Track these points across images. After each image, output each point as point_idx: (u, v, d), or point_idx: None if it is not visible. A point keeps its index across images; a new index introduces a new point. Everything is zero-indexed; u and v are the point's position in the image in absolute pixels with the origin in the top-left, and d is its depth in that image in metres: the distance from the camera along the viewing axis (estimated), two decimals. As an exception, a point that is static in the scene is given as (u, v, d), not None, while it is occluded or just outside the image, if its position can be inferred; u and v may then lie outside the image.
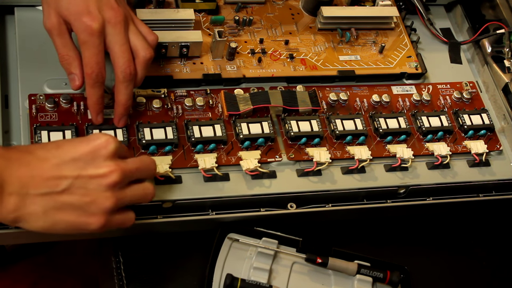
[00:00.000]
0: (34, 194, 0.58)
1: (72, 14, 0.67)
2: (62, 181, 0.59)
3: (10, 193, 0.57)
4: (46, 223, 0.59)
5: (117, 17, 0.68)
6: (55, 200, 0.59)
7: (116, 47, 0.69)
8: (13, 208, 0.57)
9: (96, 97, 0.70)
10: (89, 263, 0.86)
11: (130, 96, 0.71)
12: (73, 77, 0.71)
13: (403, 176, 0.80)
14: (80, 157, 0.60)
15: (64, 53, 0.70)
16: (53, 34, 0.69)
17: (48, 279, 0.84)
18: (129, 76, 0.70)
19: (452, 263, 0.83)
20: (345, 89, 0.84)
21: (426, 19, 0.94)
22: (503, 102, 0.88)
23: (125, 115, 0.73)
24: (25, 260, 0.86)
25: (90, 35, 0.67)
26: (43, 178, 0.58)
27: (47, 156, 0.59)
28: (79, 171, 0.59)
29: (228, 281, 0.68)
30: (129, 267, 0.74)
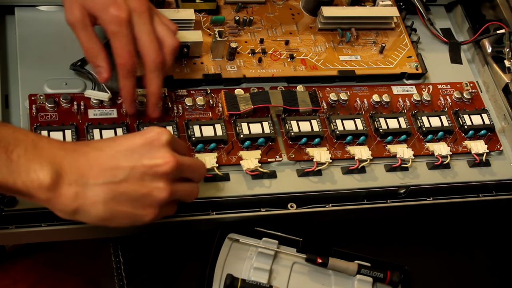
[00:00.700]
0: (94, 184, 0.58)
1: (98, 6, 0.67)
2: (120, 171, 0.59)
3: (70, 182, 0.57)
4: (105, 214, 0.59)
5: (142, 6, 0.68)
6: (114, 190, 0.58)
7: (144, 36, 0.69)
8: (73, 197, 0.57)
9: (130, 87, 0.71)
10: (89, 263, 0.86)
11: (161, 85, 0.72)
12: (100, 70, 0.71)
13: (404, 176, 0.80)
14: (135, 149, 0.60)
15: (90, 46, 0.70)
16: (77, 28, 0.69)
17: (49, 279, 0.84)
18: (159, 65, 0.70)
19: (452, 263, 0.83)
20: (345, 89, 0.84)
21: (427, 19, 0.94)
22: (503, 102, 0.88)
23: (158, 104, 0.73)
24: (25, 260, 0.85)
25: (119, 25, 0.67)
26: (101, 168, 0.58)
27: (103, 147, 0.60)
28: (135, 162, 0.59)
29: (228, 281, 0.68)
30: (129, 267, 0.74)
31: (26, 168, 0.55)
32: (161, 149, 0.61)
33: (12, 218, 0.67)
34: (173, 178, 0.62)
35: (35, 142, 0.57)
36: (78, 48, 0.78)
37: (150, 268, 0.74)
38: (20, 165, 0.55)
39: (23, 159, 0.55)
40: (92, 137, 0.71)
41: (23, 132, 0.58)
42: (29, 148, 0.56)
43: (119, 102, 0.76)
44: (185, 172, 0.63)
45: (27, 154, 0.56)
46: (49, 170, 0.56)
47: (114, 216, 0.60)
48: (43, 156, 0.56)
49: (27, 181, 0.56)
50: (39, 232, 0.68)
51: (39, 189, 0.56)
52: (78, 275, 0.85)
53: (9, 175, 0.55)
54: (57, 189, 0.56)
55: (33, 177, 0.56)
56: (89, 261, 0.86)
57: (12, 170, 0.55)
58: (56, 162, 0.57)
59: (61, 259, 0.87)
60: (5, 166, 0.55)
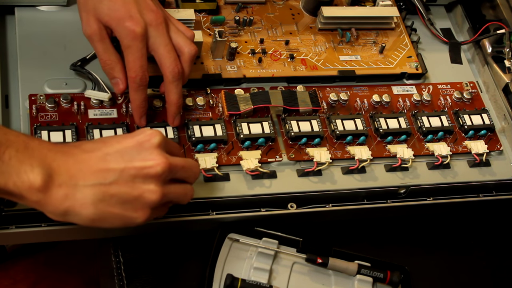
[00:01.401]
0: (83, 186, 0.58)
1: (114, 19, 0.67)
2: (109, 173, 0.59)
3: (60, 184, 0.57)
4: (95, 215, 0.59)
5: (158, 18, 0.69)
6: (103, 192, 0.58)
7: (161, 48, 0.69)
8: (63, 199, 0.57)
9: (140, 101, 0.71)
10: (89, 263, 0.86)
11: (181, 95, 0.72)
12: (116, 81, 0.71)
13: (404, 176, 0.80)
14: (125, 150, 0.60)
15: (106, 58, 0.70)
16: (94, 40, 0.69)
17: (49, 279, 0.84)
18: (178, 75, 0.70)
19: (452, 263, 0.83)
20: (345, 89, 0.84)
21: (427, 19, 0.94)
22: (503, 102, 0.88)
23: (178, 113, 0.74)
24: (25, 260, 0.85)
25: (134, 39, 0.67)
26: (91, 170, 0.58)
27: (93, 149, 0.60)
28: (125, 164, 0.59)
29: (228, 281, 0.68)
30: (129, 267, 0.74)
31: (17, 169, 0.56)
32: (152, 151, 0.60)
33: (12, 218, 0.67)
34: (165, 180, 0.61)
35: (26, 143, 0.57)
36: (78, 48, 0.79)
37: (150, 268, 0.74)
38: (11, 166, 0.55)
39: (14, 160, 0.55)
40: (92, 137, 0.72)
41: (14, 134, 0.58)
42: (20, 149, 0.56)
43: (119, 102, 0.76)
44: (178, 173, 0.63)
45: (18, 155, 0.56)
46: (39, 172, 0.56)
47: (104, 217, 0.60)
48: (34, 158, 0.56)
49: (18, 182, 0.56)
50: (39, 232, 0.68)
51: (30, 191, 0.56)
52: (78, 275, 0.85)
53: (0, 176, 0.55)
54: (47, 190, 0.57)
55: (24, 178, 0.56)
56: (89, 261, 0.86)
57: (3, 171, 0.55)
58: (46, 164, 0.57)
59: (61, 259, 0.87)
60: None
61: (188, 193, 0.65)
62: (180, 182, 0.64)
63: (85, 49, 0.78)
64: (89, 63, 0.78)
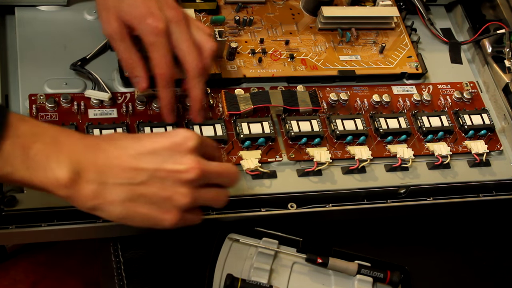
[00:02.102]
0: (113, 184, 0.57)
1: (136, 17, 0.67)
2: (140, 173, 0.58)
3: (88, 180, 0.56)
4: (122, 214, 0.58)
5: (178, 15, 0.69)
6: (132, 191, 0.58)
7: (183, 45, 0.69)
8: (92, 195, 0.57)
9: (169, 97, 0.71)
10: (89, 263, 0.86)
11: (203, 91, 0.72)
12: (138, 80, 0.71)
13: (404, 176, 0.80)
14: (159, 151, 0.59)
15: (128, 57, 0.70)
16: (115, 40, 0.69)
17: (49, 279, 0.84)
18: (201, 71, 0.71)
19: (452, 263, 0.83)
20: (345, 89, 0.84)
21: (427, 19, 0.94)
22: (503, 102, 0.88)
23: (201, 109, 0.74)
24: (25, 260, 0.85)
25: (157, 35, 0.67)
26: (121, 168, 0.57)
27: (126, 146, 0.59)
28: (157, 165, 0.58)
29: (228, 281, 0.68)
30: (129, 267, 0.74)
31: (43, 166, 0.55)
32: (186, 155, 0.59)
33: (12, 218, 0.66)
34: (197, 184, 0.60)
35: (54, 137, 0.56)
36: (78, 48, 0.79)
37: (150, 268, 0.74)
38: (38, 162, 0.55)
39: (41, 155, 0.55)
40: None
41: (43, 126, 0.57)
42: (47, 144, 0.55)
43: (119, 102, 0.76)
44: (212, 179, 0.62)
45: (45, 150, 0.55)
46: (67, 168, 0.55)
47: (132, 216, 0.59)
48: (62, 152, 0.56)
49: (44, 178, 0.55)
50: (39, 232, 0.68)
51: (57, 187, 0.56)
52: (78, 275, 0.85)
53: (26, 171, 0.55)
54: (75, 186, 0.56)
55: (50, 175, 0.55)
56: (89, 261, 0.86)
57: (29, 166, 0.55)
58: (75, 159, 0.56)
59: (61, 259, 0.87)
60: (21, 162, 0.54)
61: (220, 198, 0.64)
62: (214, 187, 0.63)
63: (85, 49, 0.78)
64: (89, 63, 0.78)
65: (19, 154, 0.54)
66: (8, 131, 0.54)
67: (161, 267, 0.74)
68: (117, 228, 0.70)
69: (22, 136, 0.54)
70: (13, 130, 0.54)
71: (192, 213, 0.63)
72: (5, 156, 0.54)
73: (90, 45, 0.79)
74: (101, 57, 0.80)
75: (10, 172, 0.54)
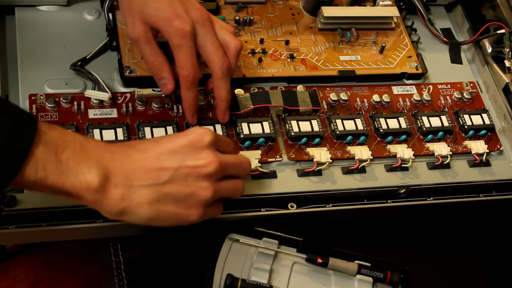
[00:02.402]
0: (138, 186, 0.59)
1: (162, 20, 0.68)
2: (164, 173, 0.60)
3: (116, 184, 0.58)
4: (150, 215, 0.60)
5: (203, 16, 0.69)
6: (158, 191, 0.60)
7: (209, 45, 0.70)
8: (120, 199, 0.58)
9: (192, 99, 0.72)
10: (89, 263, 0.86)
11: (229, 90, 0.73)
12: (164, 81, 0.72)
13: (404, 176, 0.80)
14: (178, 150, 0.61)
15: (154, 60, 0.71)
16: (141, 43, 0.70)
17: (49, 279, 0.84)
18: (226, 71, 0.71)
19: (452, 263, 0.83)
20: (345, 89, 0.84)
21: (427, 19, 0.94)
22: (503, 102, 0.88)
23: (227, 109, 0.75)
24: (25, 260, 0.86)
25: (183, 38, 0.68)
26: (145, 170, 0.59)
27: (147, 149, 0.61)
28: (178, 163, 0.60)
29: (228, 281, 0.68)
30: (129, 267, 0.74)
31: (75, 170, 0.56)
32: (204, 150, 0.62)
33: (12, 218, 0.66)
34: (217, 177, 0.63)
35: (82, 144, 0.58)
36: (78, 48, 0.79)
37: (150, 268, 0.74)
38: (69, 167, 0.56)
39: (72, 161, 0.56)
40: (92, 137, 0.71)
41: (71, 134, 0.58)
42: (77, 150, 0.57)
43: (119, 102, 0.76)
44: (229, 170, 0.64)
45: (75, 156, 0.56)
46: (96, 173, 0.57)
47: (159, 216, 0.61)
48: (90, 158, 0.57)
49: (76, 182, 0.56)
50: (39, 232, 0.68)
51: (87, 191, 0.57)
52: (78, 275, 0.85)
53: (58, 176, 0.55)
54: (104, 191, 0.57)
55: (82, 179, 0.56)
56: (89, 261, 0.86)
57: (62, 171, 0.56)
58: (103, 164, 0.58)
59: (61, 259, 0.87)
60: (55, 168, 0.55)
61: (239, 188, 0.67)
62: (231, 178, 0.66)
63: (85, 49, 0.78)
64: (89, 63, 0.78)
65: (52, 159, 0.55)
66: (40, 138, 0.55)
67: (161, 267, 0.74)
68: (117, 228, 0.70)
69: (53, 143, 0.56)
70: (44, 136, 0.55)
71: (213, 206, 0.65)
72: (39, 161, 0.55)
73: (90, 45, 0.79)
74: (101, 57, 0.80)
75: (44, 177, 0.55)
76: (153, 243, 0.75)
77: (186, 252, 0.76)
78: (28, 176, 0.54)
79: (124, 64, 0.78)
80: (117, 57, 0.79)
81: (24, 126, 0.54)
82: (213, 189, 0.62)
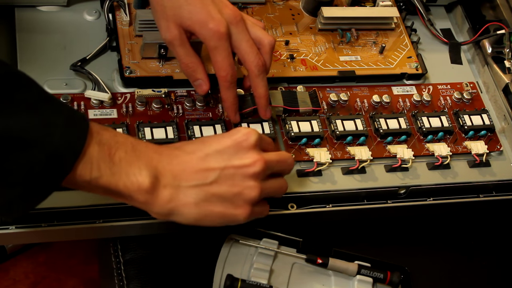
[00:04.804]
0: (186, 186, 0.60)
1: (197, 23, 0.68)
2: (210, 173, 0.61)
3: (165, 185, 0.59)
4: (198, 215, 0.62)
5: (236, 16, 0.70)
6: (205, 191, 0.61)
7: (243, 44, 0.70)
8: (168, 199, 0.60)
9: (232, 98, 0.73)
10: (89, 263, 0.86)
11: (267, 87, 0.74)
12: (199, 82, 0.73)
13: (404, 176, 0.80)
14: (224, 150, 0.62)
15: (189, 61, 0.72)
16: (175, 45, 0.70)
17: (49, 279, 0.84)
18: (262, 68, 0.72)
19: (452, 263, 0.83)
20: (345, 90, 0.84)
21: (427, 19, 0.94)
22: (503, 102, 0.88)
23: (268, 105, 0.75)
24: (25, 260, 0.86)
25: (219, 39, 0.68)
26: (193, 171, 0.61)
27: (194, 150, 0.62)
28: (225, 163, 0.62)
29: (228, 282, 0.68)
30: (129, 267, 0.74)
31: (127, 171, 0.58)
32: (249, 150, 0.63)
33: (12, 218, 0.67)
34: (263, 176, 0.64)
35: (133, 145, 0.59)
36: (78, 48, 0.79)
37: (150, 268, 0.74)
38: (122, 168, 0.57)
39: (124, 162, 0.57)
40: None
41: (123, 136, 0.60)
42: (128, 151, 0.58)
43: (119, 103, 0.76)
44: (274, 168, 0.65)
45: (127, 157, 0.58)
46: (147, 174, 0.58)
47: (207, 216, 0.62)
48: (141, 160, 0.59)
49: (128, 183, 0.58)
50: (39, 232, 0.68)
51: (139, 192, 0.58)
52: (78, 275, 0.86)
53: (112, 176, 0.57)
54: (154, 191, 0.59)
55: (133, 180, 0.58)
56: (89, 261, 0.86)
57: (115, 172, 0.57)
58: (153, 166, 0.59)
59: (61, 259, 0.87)
60: (108, 168, 0.57)
61: (283, 186, 0.68)
62: (275, 177, 0.66)
63: (85, 49, 0.78)
64: (89, 63, 0.78)
65: (106, 160, 0.56)
66: (94, 138, 0.56)
67: (161, 267, 0.74)
68: (117, 228, 0.70)
69: (106, 144, 0.57)
70: (98, 137, 0.56)
71: (260, 205, 0.66)
72: (93, 161, 0.56)
73: (90, 45, 0.79)
74: (101, 57, 0.80)
75: (98, 176, 0.56)
76: (153, 243, 0.76)
77: (186, 253, 0.76)
78: (82, 176, 0.55)
79: (124, 65, 0.78)
80: (117, 57, 0.79)
81: (77, 125, 0.55)
82: (260, 188, 0.63)
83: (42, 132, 0.53)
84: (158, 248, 0.75)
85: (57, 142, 0.53)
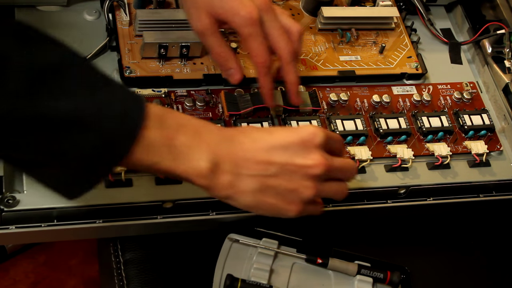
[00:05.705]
0: (246, 175, 0.61)
1: (229, 11, 0.68)
2: (271, 167, 0.61)
3: (225, 171, 0.60)
4: (251, 203, 0.62)
5: (267, 3, 0.70)
6: (262, 182, 0.61)
7: (275, 31, 0.70)
8: (227, 185, 0.60)
9: (270, 83, 0.73)
10: (89, 263, 0.86)
11: (298, 73, 0.74)
12: (232, 72, 0.74)
13: (404, 176, 0.80)
14: (289, 146, 0.62)
15: (221, 51, 0.72)
16: (207, 35, 0.71)
17: (49, 279, 0.84)
18: (293, 55, 0.72)
19: (452, 263, 0.83)
20: (345, 89, 0.84)
21: (427, 19, 0.94)
22: (503, 102, 0.88)
23: (298, 91, 0.76)
24: (25, 260, 0.86)
25: (253, 25, 0.68)
26: (254, 161, 0.61)
27: (259, 139, 0.62)
28: (287, 159, 0.61)
29: (228, 282, 0.68)
30: (129, 267, 0.74)
31: (187, 156, 0.58)
32: (314, 150, 0.62)
33: (12, 218, 0.67)
34: (322, 179, 0.64)
35: (196, 128, 0.59)
36: (78, 48, 0.77)
37: (150, 268, 0.74)
38: (182, 153, 0.58)
39: (184, 147, 0.58)
40: None
41: (186, 118, 0.60)
42: (190, 136, 0.58)
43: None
44: (336, 174, 0.65)
45: (188, 141, 0.58)
46: (207, 159, 0.59)
47: (260, 206, 0.63)
48: (202, 144, 0.59)
49: (188, 168, 0.58)
50: (39, 232, 0.68)
51: (198, 177, 0.59)
52: (78, 275, 0.86)
53: (171, 161, 0.57)
54: (213, 177, 0.59)
55: (193, 165, 0.58)
56: (89, 261, 0.86)
57: (175, 156, 0.57)
58: (213, 151, 0.59)
59: (61, 259, 0.87)
60: (169, 152, 0.57)
61: (343, 191, 0.67)
62: (336, 180, 0.66)
63: (85, 49, 0.78)
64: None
65: (166, 144, 0.57)
66: (153, 121, 0.56)
67: (161, 267, 0.74)
68: (117, 228, 0.70)
69: (169, 128, 0.57)
70: (159, 120, 0.57)
71: (313, 204, 0.66)
72: (153, 146, 0.56)
73: (90, 45, 0.79)
74: (101, 57, 0.80)
75: (158, 161, 0.57)
76: (153, 243, 0.76)
77: (186, 253, 0.76)
78: (141, 160, 0.56)
79: (124, 65, 0.78)
80: (117, 57, 0.79)
81: (134, 109, 0.55)
82: (316, 189, 0.63)
83: (98, 115, 0.53)
84: (158, 248, 0.75)
85: (113, 126, 0.54)
